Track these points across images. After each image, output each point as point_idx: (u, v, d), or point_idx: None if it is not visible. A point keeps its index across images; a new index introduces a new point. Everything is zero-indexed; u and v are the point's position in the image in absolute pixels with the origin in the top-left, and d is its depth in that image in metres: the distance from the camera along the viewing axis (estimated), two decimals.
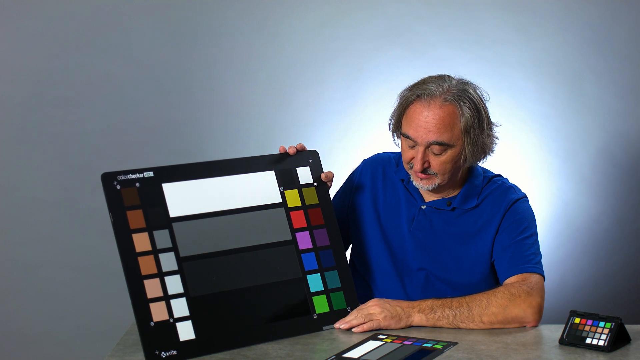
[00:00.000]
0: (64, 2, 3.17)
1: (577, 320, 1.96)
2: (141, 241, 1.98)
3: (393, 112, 2.24)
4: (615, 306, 3.32)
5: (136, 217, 1.99)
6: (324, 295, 2.12)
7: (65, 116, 3.21)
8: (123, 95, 3.23)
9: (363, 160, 2.41)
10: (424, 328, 2.07)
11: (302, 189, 2.20)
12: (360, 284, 2.30)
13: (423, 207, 2.26)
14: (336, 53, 3.28)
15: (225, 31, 3.25)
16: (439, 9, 3.27)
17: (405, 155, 2.20)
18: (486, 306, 2.07)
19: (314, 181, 2.22)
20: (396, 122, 2.22)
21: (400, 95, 2.22)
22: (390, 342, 1.97)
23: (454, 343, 1.96)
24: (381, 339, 1.99)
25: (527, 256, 2.17)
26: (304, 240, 2.15)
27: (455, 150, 2.16)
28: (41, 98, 3.20)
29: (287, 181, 2.19)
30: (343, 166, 2.71)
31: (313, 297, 2.11)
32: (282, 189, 2.17)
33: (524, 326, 2.08)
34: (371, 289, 2.30)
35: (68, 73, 3.20)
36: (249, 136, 3.27)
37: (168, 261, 1.99)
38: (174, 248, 2.01)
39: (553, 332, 2.03)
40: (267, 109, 3.28)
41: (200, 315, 1.97)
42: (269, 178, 2.17)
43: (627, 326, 1.97)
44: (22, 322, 3.26)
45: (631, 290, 3.38)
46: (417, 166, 2.16)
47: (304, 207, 2.18)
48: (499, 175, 2.32)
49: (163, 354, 1.90)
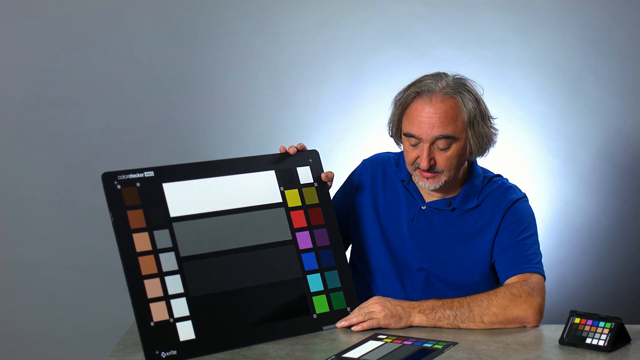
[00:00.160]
0: (64, 2, 3.17)
1: (577, 320, 1.96)
2: (141, 241, 1.98)
3: (391, 116, 2.24)
4: (615, 306, 3.31)
5: (136, 217, 1.99)
6: (324, 295, 2.12)
7: (65, 116, 3.21)
8: (123, 95, 3.23)
9: (363, 160, 2.41)
10: (424, 328, 2.07)
11: (303, 189, 2.20)
12: (360, 284, 2.30)
13: (423, 208, 2.26)
14: (336, 53, 3.28)
15: (225, 31, 3.25)
16: (439, 9, 3.27)
17: (409, 156, 2.20)
18: (487, 306, 2.06)
19: (314, 181, 2.22)
20: (397, 124, 2.22)
21: (395, 98, 2.22)
22: (390, 342, 1.97)
23: (454, 343, 1.96)
24: (381, 339, 1.99)
25: (528, 256, 2.17)
26: (304, 240, 2.15)
27: (460, 143, 2.16)
28: (41, 98, 3.20)
29: (288, 181, 2.19)
30: (343, 166, 2.71)
31: (313, 297, 2.11)
32: (283, 189, 2.17)
33: (525, 326, 2.08)
34: (371, 289, 2.30)
35: (68, 73, 3.20)
36: (249, 136, 3.27)
37: (168, 261, 1.99)
38: (174, 248, 2.01)
39: (553, 332, 2.03)
40: (267, 109, 3.28)
41: (200, 315, 1.97)
42: (269, 178, 2.17)
43: (627, 326, 1.97)
44: (22, 322, 3.26)
45: (631, 290, 3.38)
46: (424, 164, 2.15)
47: (304, 207, 2.18)
48: (499, 175, 2.32)
49: (163, 354, 1.90)
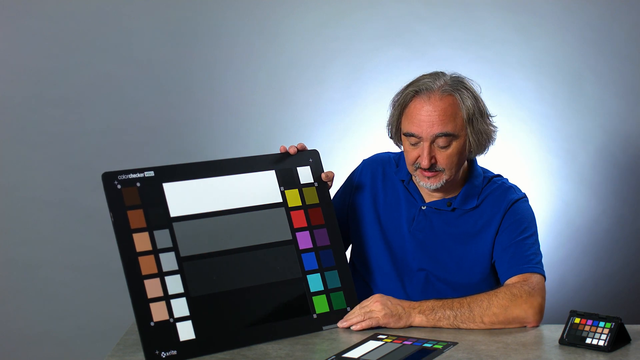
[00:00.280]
0: (64, 2, 3.17)
1: (577, 320, 1.96)
2: (141, 241, 1.98)
3: (390, 118, 2.24)
4: (615, 306, 3.31)
5: (137, 217, 1.99)
6: (324, 295, 2.12)
7: (65, 116, 3.21)
8: (123, 95, 3.23)
9: (363, 160, 2.41)
10: (424, 328, 2.07)
11: (303, 189, 2.20)
12: (360, 284, 2.30)
13: (423, 208, 2.26)
14: (336, 53, 3.28)
15: (225, 31, 3.25)
16: (439, 9, 3.27)
17: (409, 155, 2.20)
18: (487, 307, 2.06)
19: (315, 181, 2.22)
20: (396, 125, 2.22)
21: (393, 99, 2.22)
22: (390, 342, 1.97)
23: (454, 343, 1.96)
24: (381, 339, 1.99)
25: (528, 256, 2.16)
26: (304, 240, 2.15)
27: (460, 140, 2.16)
28: (41, 98, 3.20)
29: (288, 181, 2.18)
30: (343, 166, 2.71)
31: (313, 297, 2.10)
32: (283, 189, 2.17)
33: (525, 326, 2.08)
34: (371, 289, 2.29)
35: (68, 73, 3.20)
36: (249, 136, 3.27)
37: (168, 261, 1.99)
38: (175, 248, 2.01)
39: (553, 332, 2.03)
40: (267, 109, 3.28)
41: (200, 315, 1.97)
42: (270, 178, 2.17)
43: (627, 326, 1.97)
44: (22, 322, 3.26)
45: (631, 290, 3.38)
46: (425, 162, 2.15)
47: (305, 207, 2.18)
48: (499, 175, 2.32)
49: (163, 354, 1.90)
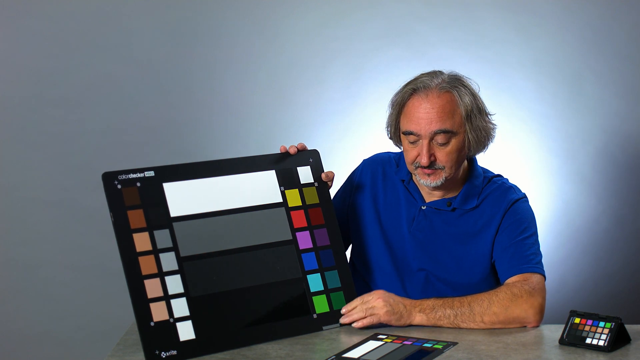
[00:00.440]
0: (64, 2, 3.17)
1: (577, 320, 1.96)
2: (142, 241, 1.98)
3: (389, 118, 2.24)
4: (615, 306, 3.31)
5: (137, 217, 1.99)
6: (324, 295, 2.12)
7: (65, 116, 3.21)
8: (123, 95, 3.23)
9: (363, 160, 2.41)
10: (424, 328, 2.07)
11: (303, 189, 2.20)
12: (360, 284, 2.30)
13: (423, 208, 2.26)
14: (336, 53, 3.28)
15: (225, 31, 3.25)
16: (439, 9, 3.27)
17: (409, 154, 2.20)
18: (488, 306, 2.06)
19: (315, 181, 2.22)
20: (395, 124, 2.22)
21: (391, 100, 2.23)
22: (390, 342, 1.97)
23: (454, 343, 1.96)
24: (381, 339, 1.99)
25: (528, 256, 2.16)
26: (304, 240, 2.15)
27: (459, 137, 2.16)
28: (41, 98, 3.20)
29: (288, 181, 2.18)
30: (343, 166, 2.71)
31: (313, 297, 2.10)
32: (283, 189, 2.17)
33: (525, 326, 2.08)
34: (371, 289, 2.29)
35: (68, 73, 3.20)
36: (249, 136, 3.27)
37: (168, 261, 1.99)
38: (175, 248, 2.01)
39: (553, 332, 2.03)
40: (267, 109, 3.28)
41: (200, 315, 1.97)
42: (270, 177, 2.17)
43: (627, 326, 1.97)
44: (22, 322, 3.26)
45: (631, 290, 3.37)
46: (424, 160, 2.15)
47: (305, 207, 2.18)
48: (499, 175, 2.32)
49: (163, 354, 1.90)
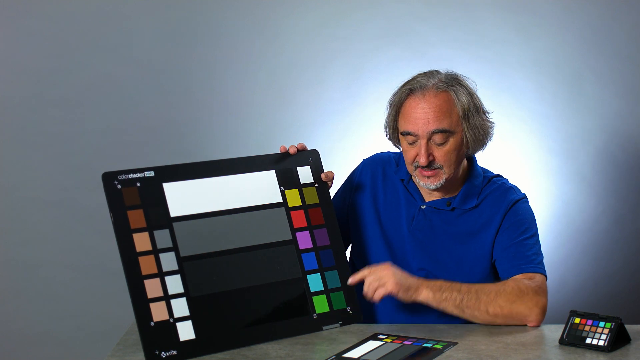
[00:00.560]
0: (64, 2, 3.17)
1: (577, 320, 1.96)
2: (142, 241, 1.98)
3: (387, 119, 2.24)
4: (615, 306, 3.31)
5: (137, 217, 1.99)
6: (324, 295, 2.12)
7: (65, 116, 3.20)
8: (123, 95, 3.23)
9: (363, 159, 2.41)
10: (424, 328, 2.07)
11: (303, 189, 2.20)
12: (360, 284, 2.29)
13: (423, 207, 2.26)
14: (336, 53, 3.28)
15: (225, 31, 3.25)
16: (439, 9, 3.27)
17: (408, 155, 2.20)
18: (494, 297, 2.06)
19: (315, 181, 2.22)
20: (393, 125, 2.22)
21: (389, 100, 2.23)
22: (390, 342, 1.97)
23: (454, 343, 1.96)
24: (381, 339, 1.99)
25: (529, 256, 2.17)
26: (304, 240, 2.15)
27: (457, 137, 2.16)
28: (41, 98, 3.19)
29: (288, 181, 2.19)
30: (343, 166, 2.71)
31: (313, 297, 2.11)
32: (283, 189, 2.17)
33: (526, 325, 2.08)
34: None
35: (68, 73, 3.20)
36: (249, 136, 3.27)
37: (168, 261, 1.99)
38: (175, 248, 2.01)
39: (553, 332, 2.03)
40: (267, 109, 3.28)
41: (200, 315, 1.97)
42: (270, 177, 2.17)
43: (627, 326, 1.97)
44: (22, 322, 3.25)
45: (631, 290, 3.37)
46: (422, 160, 2.15)
47: (305, 207, 2.18)
48: (499, 175, 2.32)
49: (163, 354, 1.90)
